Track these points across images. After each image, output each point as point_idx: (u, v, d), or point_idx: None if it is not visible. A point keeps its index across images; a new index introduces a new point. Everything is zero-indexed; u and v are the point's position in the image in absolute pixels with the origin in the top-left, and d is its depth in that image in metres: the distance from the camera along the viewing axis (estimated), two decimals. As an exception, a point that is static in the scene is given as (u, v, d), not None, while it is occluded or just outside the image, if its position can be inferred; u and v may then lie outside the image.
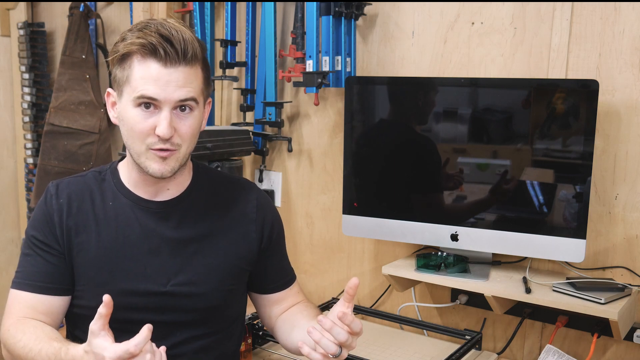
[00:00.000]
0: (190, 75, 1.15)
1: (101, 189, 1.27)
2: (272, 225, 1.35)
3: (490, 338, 1.85)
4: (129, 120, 1.16)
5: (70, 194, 1.25)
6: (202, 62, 1.18)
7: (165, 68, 1.12)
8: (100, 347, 1.00)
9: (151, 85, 1.12)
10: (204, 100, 1.22)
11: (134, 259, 1.22)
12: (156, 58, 1.12)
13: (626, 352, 1.64)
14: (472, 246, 1.69)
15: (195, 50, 1.14)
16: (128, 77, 1.15)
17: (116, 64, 1.17)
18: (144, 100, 1.13)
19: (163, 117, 1.13)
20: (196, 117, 1.18)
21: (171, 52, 1.12)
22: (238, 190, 1.35)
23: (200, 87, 1.18)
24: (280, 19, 2.15)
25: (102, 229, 1.23)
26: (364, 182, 1.83)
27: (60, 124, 2.50)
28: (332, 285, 2.16)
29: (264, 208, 1.35)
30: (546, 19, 1.68)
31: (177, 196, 1.28)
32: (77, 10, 2.52)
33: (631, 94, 1.58)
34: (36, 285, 1.22)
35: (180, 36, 1.13)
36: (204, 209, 1.29)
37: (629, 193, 1.61)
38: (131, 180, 1.27)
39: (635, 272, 1.62)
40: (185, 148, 1.19)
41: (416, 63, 1.90)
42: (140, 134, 1.15)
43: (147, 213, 1.25)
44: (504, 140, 1.67)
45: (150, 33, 1.12)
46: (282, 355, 1.65)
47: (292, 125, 2.19)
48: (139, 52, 1.13)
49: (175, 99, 1.13)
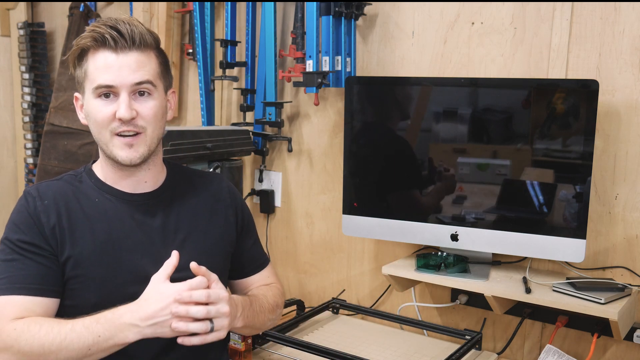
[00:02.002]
0: (143, 60, 1.21)
1: (81, 190, 1.29)
2: (242, 209, 1.45)
3: (490, 338, 1.85)
4: (92, 112, 1.21)
5: (54, 194, 1.25)
6: (155, 50, 1.25)
7: (117, 55, 1.19)
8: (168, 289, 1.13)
9: (106, 73, 1.18)
10: (163, 87, 1.26)
11: (130, 251, 1.25)
12: (107, 47, 1.19)
13: (626, 352, 1.64)
14: (472, 246, 1.69)
15: (144, 37, 1.21)
16: (86, 72, 1.21)
17: (75, 65, 1.24)
18: (102, 90, 1.19)
19: (121, 100, 1.19)
20: (156, 100, 1.24)
21: (120, 39, 1.18)
22: (209, 180, 1.43)
23: (155, 71, 1.23)
24: (280, 19, 2.15)
25: (94, 225, 1.25)
26: (364, 182, 1.83)
27: (60, 124, 2.50)
28: (332, 285, 2.16)
29: (234, 194, 1.44)
30: (546, 19, 1.68)
31: (157, 188, 1.33)
32: (77, 10, 2.52)
33: (631, 94, 1.58)
34: (30, 287, 1.18)
35: (128, 26, 1.20)
36: (184, 199, 1.35)
37: (629, 193, 1.61)
38: (108, 177, 1.30)
39: (635, 272, 1.62)
40: (150, 131, 1.23)
41: (416, 63, 1.90)
42: (102, 121, 1.20)
43: (133, 206, 1.29)
44: (504, 140, 1.67)
45: (99, 26, 1.20)
46: (282, 355, 1.65)
47: (292, 125, 2.19)
48: (92, 46, 1.20)
49: (131, 82, 1.19)
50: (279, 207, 2.25)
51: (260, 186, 2.26)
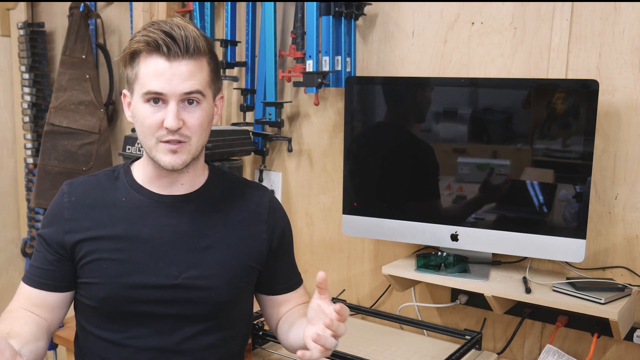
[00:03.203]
0: (195, 69, 1.19)
1: (114, 187, 1.31)
2: (283, 230, 1.39)
3: (490, 338, 1.85)
4: (140, 116, 1.21)
5: (84, 191, 1.29)
6: (208, 56, 1.23)
7: (169, 62, 1.17)
8: None
9: (157, 80, 1.17)
10: (212, 94, 1.26)
11: (146, 253, 1.25)
12: (160, 54, 1.18)
13: (626, 352, 1.64)
14: (472, 246, 1.69)
15: (198, 44, 1.19)
16: (137, 75, 1.21)
17: (127, 64, 1.23)
18: (152, 96, 1.19)
19: (170, 109, 1.18)
20: (204, 109, 1.22)
21: (173, 47, 1.17)
22: (251, 191, 1.39)
23: (206, 80, 1.22)
24: (280, 19, 2.15)
25: (115, 224, 1.27)
26: (364, 182, 1.83)
27: (60, 124, 2.50)
28: (332, 285, 2.16)
29: (275, 211, 1.39)
30: (546, 19, 1.68)
31: (191, 192, 1.31)
32: (77, 10, 2.52)
33: (631, 94, 1.58)
34: (34, 280, 1.28)
35: (183, 32, 1.18)
36: (216, 206, 1.32)
37: (629, 193, 1.61)
38: (146, 176, 1.31)
39: (635, 272, 1.62)
40: (195, 140, 1.23)
41: (416, 63, 1.90)
42: (150, 128, 1.20)
43: (160, 207, 1.28)
44: (504, 140, 1.67)
45: (153, 31, 1.18)
46: (282, 355, 1.65)
47: (292, 125, 2.19)
48: (144, 50, 1.19)
49: (181, 92, 1.18)
50: (279, 207, 2.25)
51: (260, 186, 2.26)
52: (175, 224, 1.28)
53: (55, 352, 2.15)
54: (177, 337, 1.26)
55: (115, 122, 2.70)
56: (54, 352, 2.16)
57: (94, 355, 1.31)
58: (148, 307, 1.24)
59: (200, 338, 1.28)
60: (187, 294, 1.26)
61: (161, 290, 1.25)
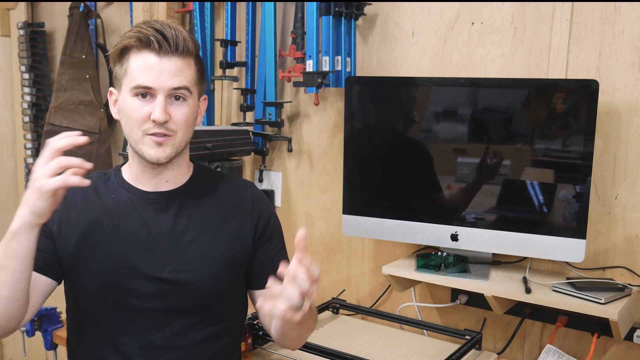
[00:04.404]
0: (183, 66, 1.24)
1: (105, 186, 1.35)
2: (267, 219, 1.40)
3: (490, 338, 1.85)
4: (127, 109, 1.24)
5: (77, 189, 1.29)
6: (194, 57, 1.28)
7: (159, 58, 1.21)
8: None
9: (146, 74, 1.21)
10: (197, 93, 1.30)
11: (132, 247, 1.28)
12: (150, 49, 1.21)
13: (626, 352, 1.64)
14: (472, 246, 1.69)
15: (187, 44, 1.24)
16: (126, 70, 1.24)
17: (116, 61, 1.26)
18: (140, 90, 1.22)
19: (157, 102, 1.21)
20: (190, 106, 1.26)
21: (164, 43, 1.21)
22: (235, 186, 1.42)
23: (193, 78, 1.26)
24: (280, 19, 2.15)
25: (103, 219, 1.30)
26: (364, 182, 1.83)
27: (60, 124, 2.50)
28: (332, 285, 2.16)
29: (259, 202, 1.41)
30: (546, 19, 1.68)
31: (176, 188, 1.34)
32: (77, 10, 2.52)
33: (631, 94, 1.58)
34: (36, 263, 1.27)
35: (173, 31, 1.23)
36: (201, 202, 1.35)
37: (629, 193, 1.61)
38: (132, 174, 1.34)
39: (635, 272, 1.62)
40: (180, 135, 1.26)
41: (416, 63, 1.90)
42: (137, 120, 1.23)
43: (147, 204, 1.32)
44: (504, 140, 1.67)
45: (145, 28, 1.22)
46: (282, 355, 1.65)
47: (292, 125, 2.19)
48: (135, 46, 1.22)
49: (169, 87, 1.22)
50: (279, 207, 2.25)
51: (260, 186, 2.26)
52: (160, 219, 1.30)
53: (55, 352, 2.15)
54: (167, 332, 1.28)
55: (115, 122, 2.70)
56: (54, 352, 2.15)
57: (86, 354, 1.32)
58: (136, 300, 1.27)
59: (189, 333, 1.29)
60: (173, 288, 1.27)
61: (147, 283, 1.27)
